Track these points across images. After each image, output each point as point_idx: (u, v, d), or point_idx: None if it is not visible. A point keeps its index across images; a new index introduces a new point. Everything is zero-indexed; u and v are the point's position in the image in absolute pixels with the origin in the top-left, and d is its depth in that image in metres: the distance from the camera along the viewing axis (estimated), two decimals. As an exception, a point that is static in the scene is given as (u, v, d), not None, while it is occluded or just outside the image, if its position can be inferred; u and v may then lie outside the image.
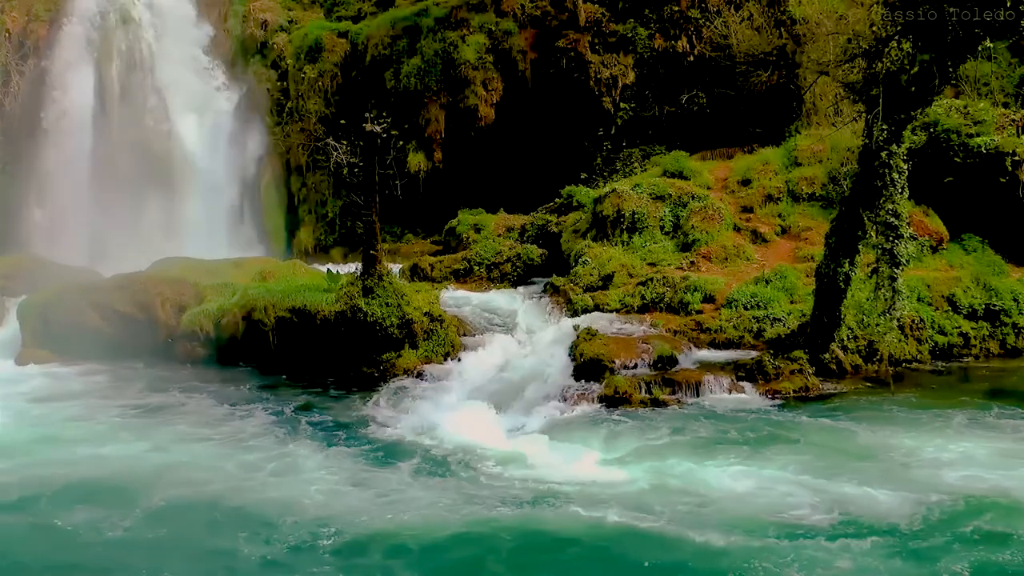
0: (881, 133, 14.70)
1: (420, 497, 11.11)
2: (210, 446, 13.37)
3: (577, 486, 11.29)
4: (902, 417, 13.92)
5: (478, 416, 14.11)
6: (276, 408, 15.41)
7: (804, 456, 12.22)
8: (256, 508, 10.78)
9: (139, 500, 11.05)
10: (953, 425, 13.47)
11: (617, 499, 10.80)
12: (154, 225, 28.35)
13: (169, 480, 11.77)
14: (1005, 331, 17.99)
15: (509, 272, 23.01)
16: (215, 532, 10.24)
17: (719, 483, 11.35)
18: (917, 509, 10.31)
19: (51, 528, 10.38)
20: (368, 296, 17.06)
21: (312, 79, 30.18)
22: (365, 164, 17.42)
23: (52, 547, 10.00)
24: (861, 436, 13.10)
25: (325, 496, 11.17)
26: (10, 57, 30.20)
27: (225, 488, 11.53)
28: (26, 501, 11.14)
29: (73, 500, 11.09)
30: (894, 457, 12.16)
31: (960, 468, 11.58)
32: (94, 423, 14.67)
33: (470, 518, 10.42)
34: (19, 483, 11.71)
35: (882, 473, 11.52)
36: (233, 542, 9.92)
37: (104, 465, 12.47)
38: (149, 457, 12.88)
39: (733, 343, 17.43)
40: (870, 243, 15.34)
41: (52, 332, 19.32)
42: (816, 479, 11.32)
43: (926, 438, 12.83)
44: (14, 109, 30.11)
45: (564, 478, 11.57)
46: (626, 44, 27.84)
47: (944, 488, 10.89)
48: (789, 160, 23.03)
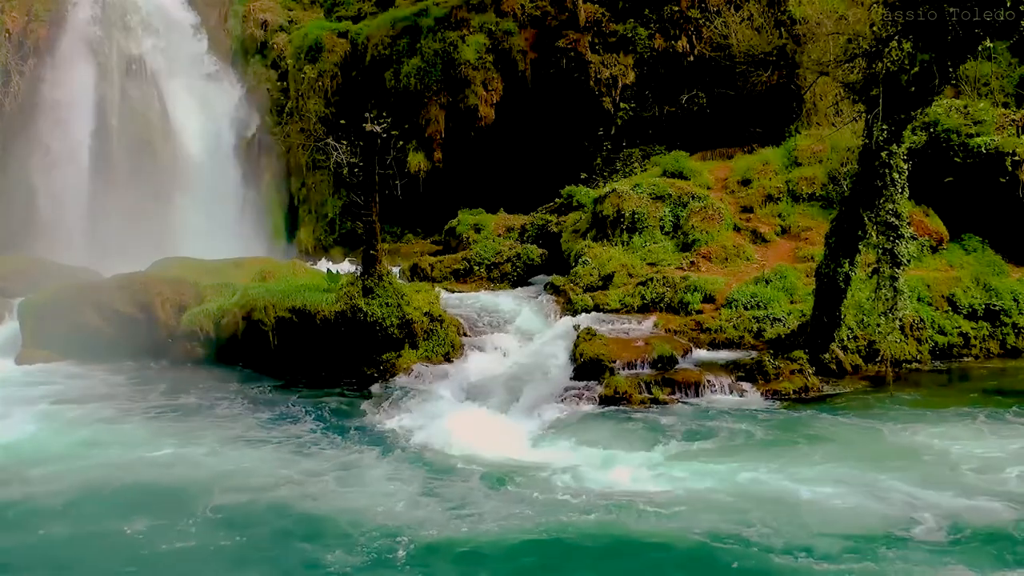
0: (881, 133, 14.70)
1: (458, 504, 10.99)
2: (246, 449, 13.23)
3: (621, 491, 11.18)
4: (912, 417, 13.87)
5: (482, 418, 14.12)
6: (272, 408, 15.42)
7: (855, 457, 12.08)
8: (323, 514, 10.70)
9: (195, 505, 10.87)
10: (973, 424, 13.45)
11: (668, 503, 10.68)
12: (154, 225, 28.29)
13: (223, 486, 11.58)
14: (1005, 331, 17.99)
15: (509, 272, 23.01)
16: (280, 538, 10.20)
17: (776, 486, 11.16)
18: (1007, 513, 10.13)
19: (112, 536, 10.16)
20: (368, 296, 17.06)
21: (312, 79, 30.18)
22: (365, 164, 17.41)
23: (118, 557, 9.73)
24: (886, 436, 13.04)
25: (394, 504, 10.96)
26: (10, 57, 30.19)
27: (275, 492, 11.46)
28: (80, 508, 10.90)
29: (128, 506, 10.87)
30: (933, 457, 12.04)
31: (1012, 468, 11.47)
32: (127, 425, 14.49)
33: (512, 526, 10.28)
34: (68, 489, 11.43)
35: (933, 474, 11.35)
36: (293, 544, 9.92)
37: (151, 470, 12.29)
38: (193, 460, 12.71)
39: (733, 343, 17.43)
40: (870, 243, 15.34)
41: (52, 332, 19.30)
42: (897, 483, 11.11)
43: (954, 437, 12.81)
44: (14, 109, 30.10)
45: (606, 483, 11.44)
46: (626, 44, 27.84)
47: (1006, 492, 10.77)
48: (789, 160, 23.03)
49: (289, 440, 13.59)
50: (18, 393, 16.53)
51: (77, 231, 28.38)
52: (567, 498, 10.96)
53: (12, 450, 13.23)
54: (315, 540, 9.95)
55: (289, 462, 12.56)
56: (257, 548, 9.91)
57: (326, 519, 10.47)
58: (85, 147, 29.33)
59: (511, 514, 10.51)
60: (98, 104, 29.70)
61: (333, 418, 14.84)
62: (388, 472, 12.12)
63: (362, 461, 12.60)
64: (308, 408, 15.38)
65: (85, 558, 9.76)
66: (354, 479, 11.87)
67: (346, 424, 14.48)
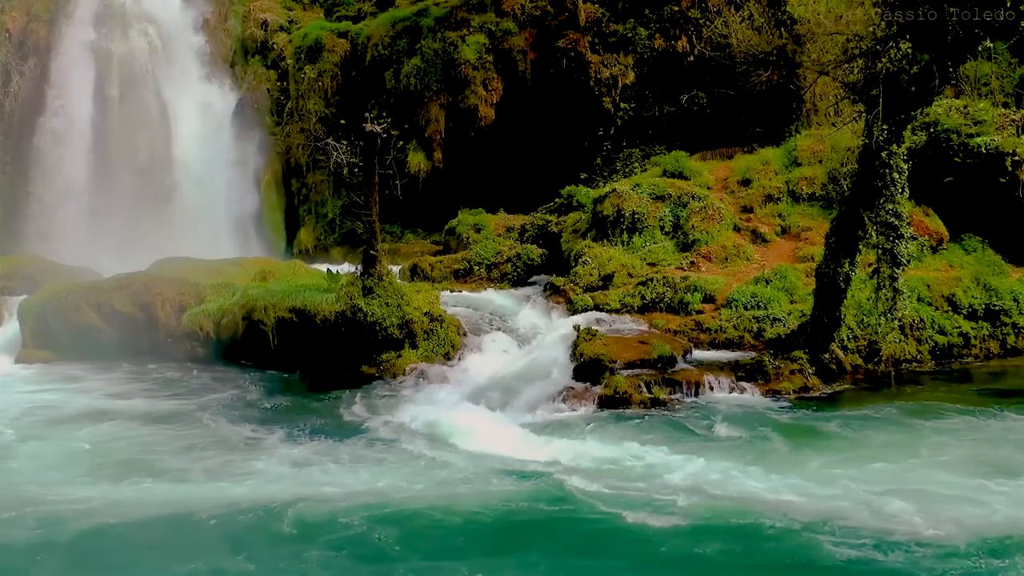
0: (881, 133, 14.70)
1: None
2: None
3: (622, 491, 11.13)
4: (912, 417, 13.84)
5: (482, 418, 14.13)
6: (270, 408, 15.44)
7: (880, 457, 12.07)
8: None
9: (195, 504, 10.83)
10: (973, 424, 13.45)
11: (669, 502, 10.68)
12: (154, 225, 28.29)
13: (223, 485, 11.54)
14: (1005, 331, 17.98)
15: (509, 272, 23.00)
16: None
17: (775, 486, 11.16)
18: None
19: (112, 536, 10.11)
20: (368, 296, 17.06)
21: (312, 79, 30.16)
22: (365, 164, 17.41)
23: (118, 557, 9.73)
24: (886, 436, 13.01)
25: (393, 504, 10.85)
26: (10, 57, 30.18)
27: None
28: (81, 507, 10.86)
29: (129, 506, 10.81)
30: (955, 458, 11.97)
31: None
32: (127, 425, 14.43)
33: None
34: (69, 488, 11.43)
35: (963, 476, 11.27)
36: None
37: (151, 470, 12.22)
38: (194, 460, 12.68)
39: (733, 343, 17.44)
40: (870, 243, 15.34)
41: (52, 332, 19.32)
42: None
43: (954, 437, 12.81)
44: (14, 109, 30.09)
45: (606, 483, 11.39)
46: (626, 44, 27.83)
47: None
48: (789, 160, 23.04)
49: (288, 440, 13.59)
50: (18, 393, 16.54)
51: (77, 231, 28.36)
52: (568, 498, 10.94)
53: (12, 449, 13.23)
54: (310, 539, 9.95)
55: (286, 461, 12.55)
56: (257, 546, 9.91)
57: (325, 519, 10.43)
58: (85, 147, 29.32)
59: (512, 514, 10.50)
60: (98, 104, 29.67)
61: (333, 418, 14.82)
62: (387, 472, 12.10)
63: (361, 461, 12.58)
64: (308, 408, 15.38)
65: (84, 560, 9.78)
66: (353, 479, 11.85)
67: (346, 424, 14.48)
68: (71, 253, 25.51)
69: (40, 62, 30.24)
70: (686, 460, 12.15)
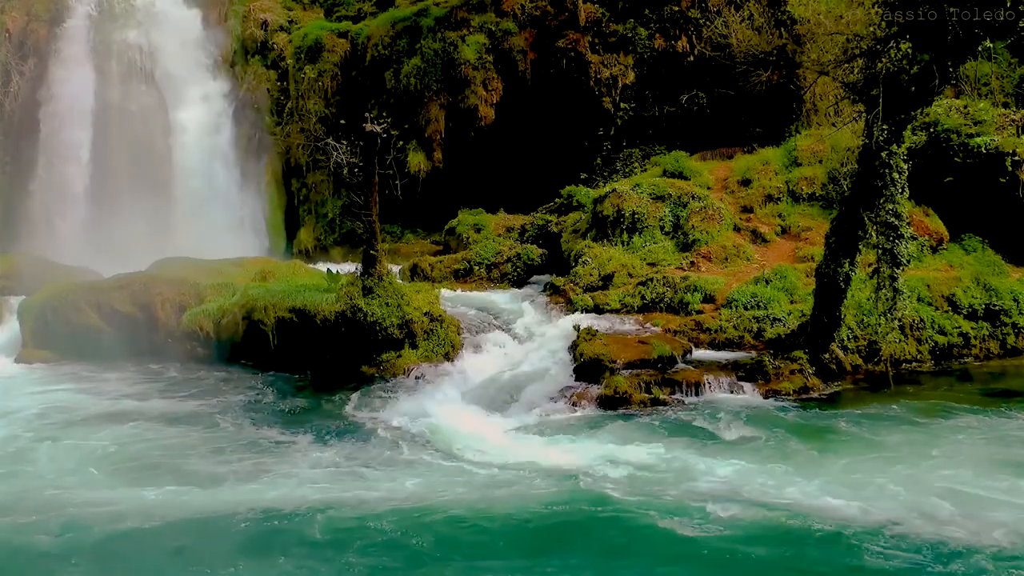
0: (881, 133, 14.70)
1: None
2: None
3: (623, 491, 11.11)
4: (928, 416, 13.81)
5: (482, 418, 14.14)
6: (270, 409, 15.44)
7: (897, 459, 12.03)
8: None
9: (194, 505, 10.82)
10: (974, 425, 13.43)
11: (668, 502, 10.68)
12: (154, 225, 28.29)
13: (222, 485, 11.50)
14: (1005, 331, 17.98)
15: (509, 272, 23.00)
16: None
17: (775, 485, 11.12)
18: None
19: (114, 537, 10.06)
20: (368, 296, 17.05)
21: (312, 79, 30.16)
22: (365, 164, 17.40)
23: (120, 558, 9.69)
24: (886, 435, 12.97)
25: (391, 502, 10.88)
26: (10, 57, 30.17)
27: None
28: (80, 508, 10.82)
29: (132, 506, 10.76)
30: (973, 458, 11.91)
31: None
32: (127, 425, 14.39)
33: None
34: (69, 489, 11.39)
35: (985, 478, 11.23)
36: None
37: (151, 469, 12.21)
38: (192, 461, 12.66)
39: (733, 343, 17.44)
40: (870, 243, 15.33)
41: (52, 332, 19.31)
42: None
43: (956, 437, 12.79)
44: (14, 109, 30.08)
45: (607, 483, 11.35)
46: (626, 44, 27.83)
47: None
48: (789, 160, 23.04)
49: (287, 440, 13.59)
50: (28, 394, 16.50)
51: (77, 231, 28.36)
52: (568, 497, 10.94)
53: (31, 452, 13.19)
54: (345, 544, 9.91)
55: (317, 464, 12.52)
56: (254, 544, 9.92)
57: (358, 523, 10.40)
58: (85, 147, 29.27)
59: (511, 513, 10.50)
60: (98, 104, 29.64)
61: (333, 418, 14.82)
62: (386, 472, 12.12)
63: (360, 461, 12.59)
64: (308, 408, 15.39)
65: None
66: (351, 479, 11.85)
67: (346, 424, 14.48)
68: (71, 253, 25.52)
69: (40, 62, 30.22)
70: (686, 460, 12.14)
